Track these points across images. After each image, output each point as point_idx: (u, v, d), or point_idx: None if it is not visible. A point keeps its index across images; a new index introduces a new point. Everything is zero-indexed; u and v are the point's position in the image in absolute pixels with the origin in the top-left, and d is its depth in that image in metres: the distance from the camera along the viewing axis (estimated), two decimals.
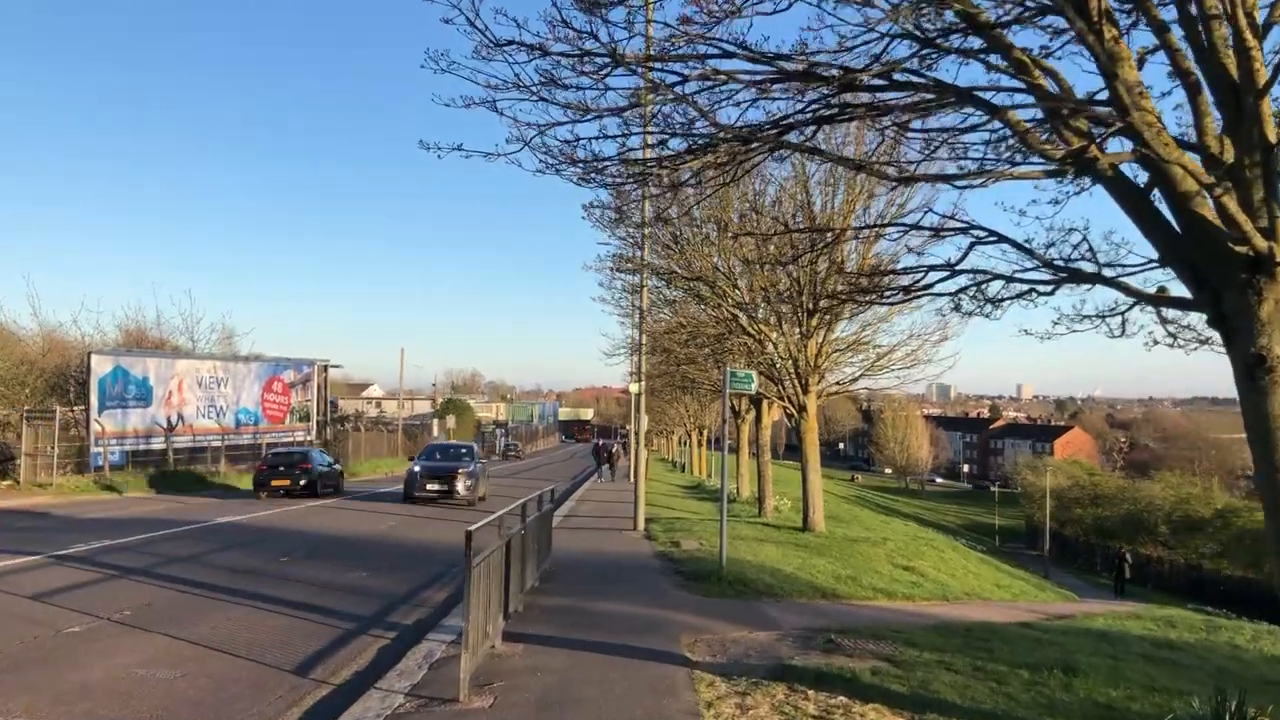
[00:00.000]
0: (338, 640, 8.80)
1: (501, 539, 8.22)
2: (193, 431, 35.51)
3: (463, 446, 28.71)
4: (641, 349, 20.54)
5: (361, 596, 11.21)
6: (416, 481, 24.15)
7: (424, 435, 69.73)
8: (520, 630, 8.82)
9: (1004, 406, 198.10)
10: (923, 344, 19.49)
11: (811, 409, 19.72)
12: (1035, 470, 76.59)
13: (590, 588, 11.62)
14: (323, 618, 9.80)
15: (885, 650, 8.37)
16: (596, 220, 20.27)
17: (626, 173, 6.91)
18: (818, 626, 9.75)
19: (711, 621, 9.66)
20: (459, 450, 27.83)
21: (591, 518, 22.07)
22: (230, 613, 9.85)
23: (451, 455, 26.77)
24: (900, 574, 16.39)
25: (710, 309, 21.26)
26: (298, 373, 42.26)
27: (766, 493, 25.00)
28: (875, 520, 41.22)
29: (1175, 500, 57.44)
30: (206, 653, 8.04)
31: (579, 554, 14.99)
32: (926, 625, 10.70)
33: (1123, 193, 6.10)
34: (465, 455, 26.59)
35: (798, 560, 14.88)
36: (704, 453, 57.82)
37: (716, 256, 19.37)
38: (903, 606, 13.09)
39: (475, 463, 25.52)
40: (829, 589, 12.74)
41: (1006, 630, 10.73)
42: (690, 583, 12.04)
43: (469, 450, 27.61)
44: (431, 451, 28.13)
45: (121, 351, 35.42)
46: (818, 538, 18.66)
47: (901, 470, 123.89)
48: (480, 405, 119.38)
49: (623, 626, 9.22)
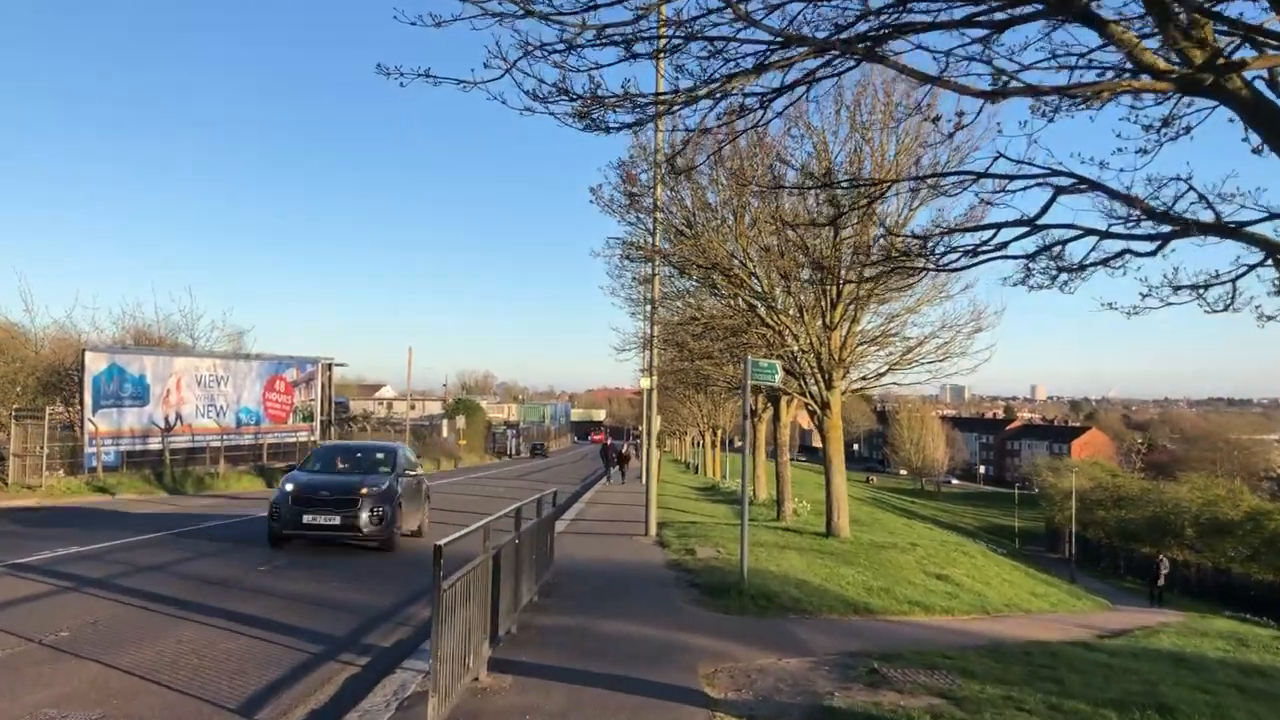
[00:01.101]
0: (300, 668, 7.57)
1: (486, 552, 6.97)
2: (191, 431, 34.41)
3: (380, 449, 17.32)
4: (653, 342, 19.26)
5: (339, 612, 9.98)
6: (288, 509, 14.09)
7: (433, 435, 68.67)
8: (512, 657, 7.57)
9: (1018, 408, 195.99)
10: (955, 335, 18.20)
11: (836, 406, 18.40)
12: (1056, 471, 74.91)
13: (596, 603, 10.36)
14: (289, 639, 8.57)
15: (940, 683, 7.08)
16: (605, 205, 19.08)
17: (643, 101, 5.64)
18: (856, 650, 8.47)
19: (733, 645, 8.38)
20: (373, 455, 16.68)
21: (600, 522, 20.80)
22: (184, 633, 8.63)
23: (359, 463, 16.16)
24: (934, 584, 15.08)
25: (727, 299, 19.98)
26: (301, 371, 41.13)
27: (785, 495, 23.71)
28: (897, 524, 39.83)
29: (1203, 502, 55.65)
30: (139, 685, 6.82)
31: (585, 563, 13.74)
32: (977, 647, 9.41)
33: (1263, 118, 4.80)
34: (382, 462, 16.08)
35: (824, 570, 13.58)
36: (718, 454, 56.50)
37: (733, 243, 18.09)
38: (943, 622, 11.80)
39: (397, 475, 15.38)
40: (861, 603, 11.45)
41: (1069, 654, 9.41)
42: (707, 597, 10.75)
43: (389, 455, 16.63)
44: (326, 456, 16.77)
45: (117, 349, 34.36)
46: (843, 544, 17.35)
47: (917, 471, 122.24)
48: (492, 406, 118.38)
49: (631, 652, 7.95)
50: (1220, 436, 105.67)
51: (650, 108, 5.86)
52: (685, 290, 22.70)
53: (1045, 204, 5.68)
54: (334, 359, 43.73)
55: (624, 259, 20.18)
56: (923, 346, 18.45)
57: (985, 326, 18.19)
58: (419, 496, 16.65)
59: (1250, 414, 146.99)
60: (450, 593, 5.67)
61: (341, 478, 15.24)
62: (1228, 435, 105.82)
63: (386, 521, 14.25)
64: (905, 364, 18.53)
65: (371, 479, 14.90)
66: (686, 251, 18.04)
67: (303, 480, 14.89)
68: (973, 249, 6.11)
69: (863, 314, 18.46)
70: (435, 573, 5.31)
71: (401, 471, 15.77)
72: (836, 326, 18.23)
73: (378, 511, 14.18)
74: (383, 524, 14.21)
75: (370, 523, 14.08)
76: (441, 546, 5.38)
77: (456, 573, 5.94)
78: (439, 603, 5.34)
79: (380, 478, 15.10)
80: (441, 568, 5.35)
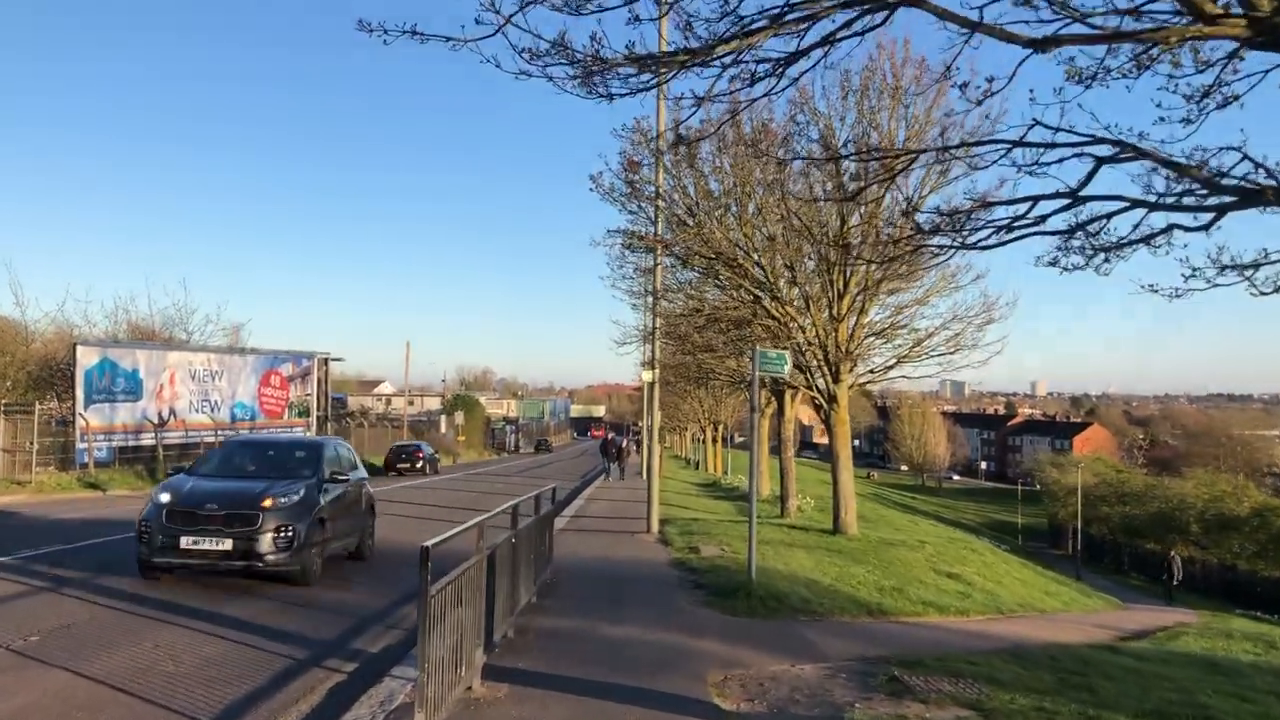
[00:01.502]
0: (282, 675, 7.10)
1: (480, 553, 6.49)
2: (185, 426, 33.95)
3: (301, 445, 13.43)
4: (655, 334, 18.78)
5: (328, 614, 9.51)
6: (160, 529, 10.27)
7: (431, 431, 68.18)
8: (509, 664, 7.10)
9: (1019, 404, 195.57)
10: (965, 327, 17.70)
11: (843, 400, 17.93)
12: (1060, 467, 74.34)
13: (597, 605, 9.88)
14: (273, 643, 8.09)
15: (967, 693, 6.61)
16: (605, 193, 18.59)
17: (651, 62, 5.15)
18: (873, 655, 8.00)
19: (743, 651, 7.90)
20: (290, 454, 12.46)
21: (601, 518, 20.32)
22: (161, 636, 8.16)
23: (270, 464, 12.08)
24: (946, 583, 14.62)
25: (731, 290, 19.49)
26: (296, 366, 40.66)
27: (790, 491, 23.24)
28: (902, 520, 39.38)
29: (1209, 498, 55.17)
30: (107, 696, 6.34)
31: (586, 561, 13.27)
32: (998, 651, 8.94)
33: None
34: (302, 463, 11.95)
35: (834, 569, 13.11)
36: (719, 449, 56.02)
37: (736, 231, 17.60)
38: (959, 624, 11.33)
39: (321, 481, 11.47)
40: (874, 604, 10.97)
41: (1097, 659, 8.93)
42: (714, 599, 10.26)
43: (312, 453, 12.40)
44: (225, 456, 12.59)
45: (109, 342, 33.90)
46: (851, 541, 16.88)
47: (918, 468, 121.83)
48: (491, 402, 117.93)
49: (635, 659, 7.48)
50: (1222, 432, 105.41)
51: (657, 70, 5.37)
52: (688, 282, 22.23)
53: (1088, 173, 5.21)
54: (330, 353, 43.22)
55: (625, 248, 19.68)
56: (932, 339, 17.99)
57: (997, 318, 17.73)
58: (356, 508, 12.57)
59: (1251, 409, 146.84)
60: (440, 597, 5.20)
61: (240, 484, 10.97)
62: (1230, 431, 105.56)
63: (298, 544, 10.19)
64: (914, 357, 18.06)
65: (282, 486, 10.72)
66: (689, 240, 17.56)
67: (184, 489, 10.67)
68: (1007, 224, 5.61)
69: (871, 305, 17.98)
70: (422, 576, 4.84)
71: (329, 476, 11.52)
72: (844, 318, 17.75)
73: (286, 532, 10.19)
74: (293, 548, 10.17)
75: (275, 547, 10.08)
76: (429, 548, 4.90)
77: (446, 576, 5.47)
78: (426, 609, 4.87)
79: (293, 485, 10.85)
80: (430, 570, 4.87)
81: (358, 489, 12.86)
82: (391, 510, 21.20)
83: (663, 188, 17.77)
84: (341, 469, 12.31)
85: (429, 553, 4.87)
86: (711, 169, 17.73)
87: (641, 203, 18.40)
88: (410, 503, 23.93)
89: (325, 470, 11.68)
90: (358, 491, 12.84)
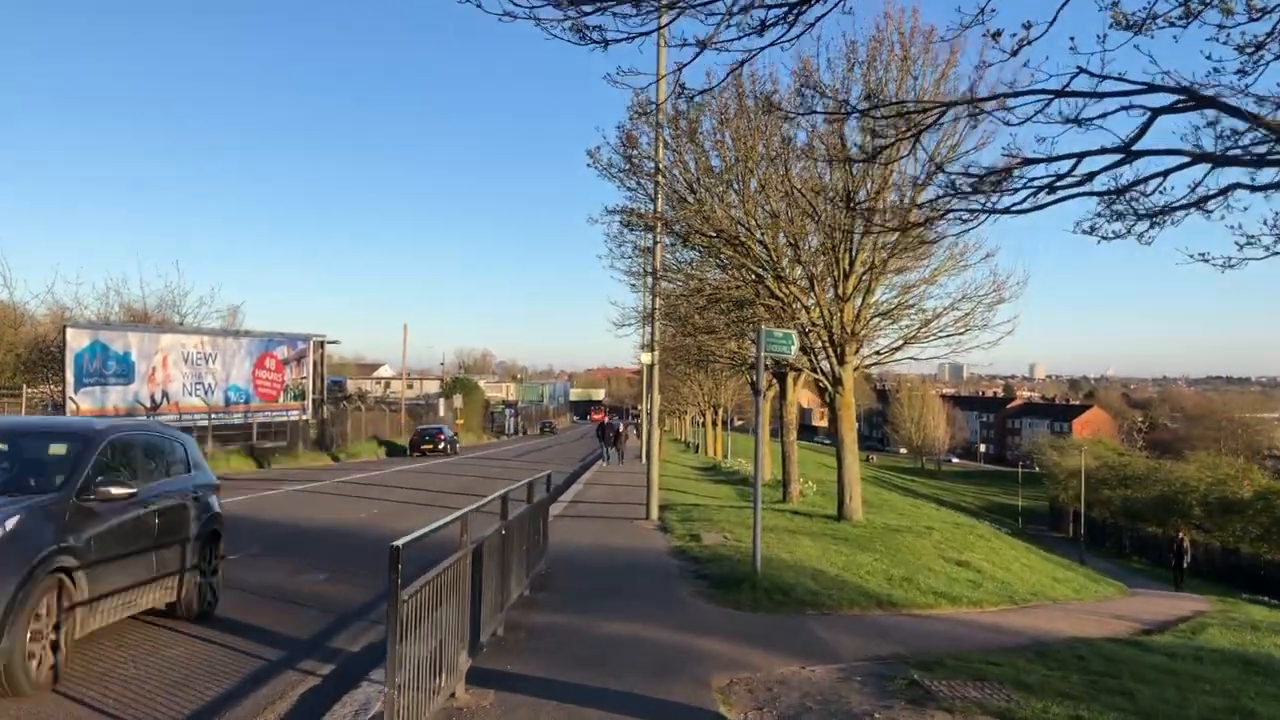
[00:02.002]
0: (251, 679, 6.56)
1: (465, 547, 5.93)
2: (179, 410, 33.38)
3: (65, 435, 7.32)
4: (655, 314, 18.20)
5: (308, 609, 8.97)
6: None
7: (429, 415, 67.66)
8: (496, 667, 6.56)
9: (1018, 386, 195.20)
10: (975, 307, 17.10)
11: (848, 383, 17.36)
12: (1060, 450, 73.92)
13: (593, 599, 9.34)
14: (245, 642, 7.56)
15: (995, 700, 6.07)
16: (603, 169, 17.97)
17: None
18: (888, 654, 7.47)
19: (749, 650, 7.36)
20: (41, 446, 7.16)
21: (599, 504, 19.79)
22: (127, 637, 7.62)
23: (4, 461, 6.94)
24: (956, 571, 14.10)
25: (732, 270, 18.88)
26: (292, 349, 40.06)
27: (792, 476, 22.72)
28: (905, 504, 38.89)
29: (1212, 481, 54.71)
30: (54, 708, 5.79)
31: (582, 550, 12.73)
32: (1021, 648, 8.41)
33: None
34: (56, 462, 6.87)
35: (841, 558, 12.57)
36: (719, 433, 55.51)
37: (738, 209, 16.97)
38: (973, 616, 10.81)
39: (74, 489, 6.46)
40: (884, 595, 10.44)
41: (1126, 657, 8.40)
42: (717, 591, 9.72)
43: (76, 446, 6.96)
44: None
45: (100, 325, 33.31)
46: (856, 528, 16.35)
47: (917, 450, 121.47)
48: (490, 385, 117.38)
49: (634, 660, 6.94)
50: (1223, 415, 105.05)
51: (657, 7, 4.77)
52: (688, 262, 21.60)
53: (1141, 126, 4.62)
54: (326, 336, 42.57)
55: (624, 226, 19.03)
56: (940, 319, 17.38)
57: (1008, 297, 17.11)
58: (173, 535, 7.74)
59: (1250, 392, 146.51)
60: (414, 602, 4.65)
61: None
62: (1231, 414, 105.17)
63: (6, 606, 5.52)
64: (922, 338, 17.46)
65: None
66: (690, 218, 16.94)
67: None
68: (1048, 183, 5.01)
69: (877, 285, 17.37)
70: (391, 581, 4.28)
71: (106, 481, 6.75)
72: (849, 298, 17.15)
73: None
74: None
75: None
76: (400, 548, 4.34)
77: (424, 575, 4.92)
78: (396, 618, 4.32)
79: (23, 500, 6.19)
80: (400, 574, 4.31)
81: (180, 505, 7.97)
82: (393, 496, 20.70)
83: (663, 162, 17.13)
84: (142, 470, 7.60)
85: (400, 554, 4.30)
86: (713, 143, 17.09)
87: (640, 179, 17.78)
88: (406, 487, 23.44)
89: (95, 478, 6.72)
90: (180, 509, 7.95)
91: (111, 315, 37.52)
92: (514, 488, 8.41)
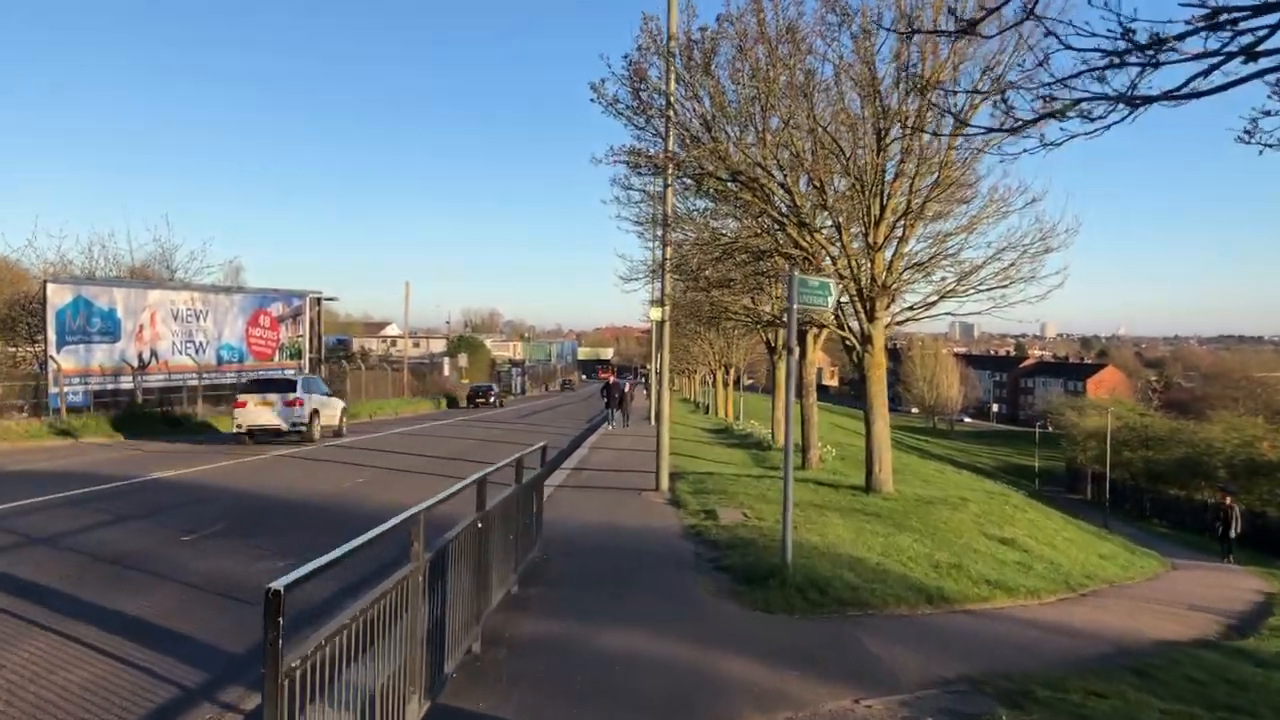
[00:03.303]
0: (158, 714, 5.14)
1: (419, 559, 4.44)
2: (168, 369, 32.04)
3: None
4: (665, 265, 16.58)
5: (255, 609, 7.50)
6: None
7: (434, 374, 66.34)
8: (465, 706, 5.11)
9: (1029, 345, 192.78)
10: (1019, 257, 15.44)
11: (878, 341, 15.76)
12: (1078, 410, 72.20)
13: (594, 597, 7.87)
14: (168, 658, 6.13)
15: None
16: (609, 105, 16.25)
17: None
18: (956, 677, 6.00)
19: (786, 674, 5.89)
20: None
21: (603, 472, 18.33)
22: (27, 646, 6.22)
23: None
24: (1002, 552, 12.64)
25: (750, 218, 17.22)
26: (287, 306, 38.60)
27: (811, 441, 21.23)
28: (928, 469, 37.43)
29: (1239, 443, 53.07)
30: None
31: (584, 529, 11.26)
32: (1109, 660, 6.96)
33: None
34: None
35: (878, 540, 11.08)
36: (730, 393, 54.03)
37: (757, 150, 15.28)
38: (1035, 610, 9.35)
39: None
40: (933, 588, 8.94)
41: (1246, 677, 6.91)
42: (741, 587, 8.21)
43: None
44: None
45: (84, 280, 31.89)
46: (887, 501, 14.85)
47: (930, 410, 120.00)
48: (498, 344, 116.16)
49: (642, 690, 5.48)
50: (1240, 374, 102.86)
51: None
52: (700, 210, 19.92)
53: None
54: (323, 292, 41.03)
55: (632, 169, 17.33)
56: (980, 271, 15.74)
57: (1055, 247, 15.44)
58: None
59: (1264, 351, 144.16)
60: (319, 656, 3.16)
61: None
62: (1249, 372, 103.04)
63: None
64: (960, 292, 15.83)
65: None
66: (704, 158, 15.27)
67: None
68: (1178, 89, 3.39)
69: (911, 233, 15.70)
70: (268, 641, 2.78)
71: None
72: (880, 248, 15.51)
73: None
74: None
75: None
76: (280, 592, 2.83)
77: (334, 621, 3.43)
78: (278, 695, 2.82)
79: None
80: (280, 628, 2.81)
81: None
82: (383, 462, 19.31)
83: (674, 96, 15.42)
84: None
85: (281, 601, 2.80)
86: (730, 74, 15.33)
87: (650, 116, 16.04)
88: (400, 451, 22.06)
89: None
90: None
91: (98, 271, 36.11)
92: (492, 470, 6.93)
